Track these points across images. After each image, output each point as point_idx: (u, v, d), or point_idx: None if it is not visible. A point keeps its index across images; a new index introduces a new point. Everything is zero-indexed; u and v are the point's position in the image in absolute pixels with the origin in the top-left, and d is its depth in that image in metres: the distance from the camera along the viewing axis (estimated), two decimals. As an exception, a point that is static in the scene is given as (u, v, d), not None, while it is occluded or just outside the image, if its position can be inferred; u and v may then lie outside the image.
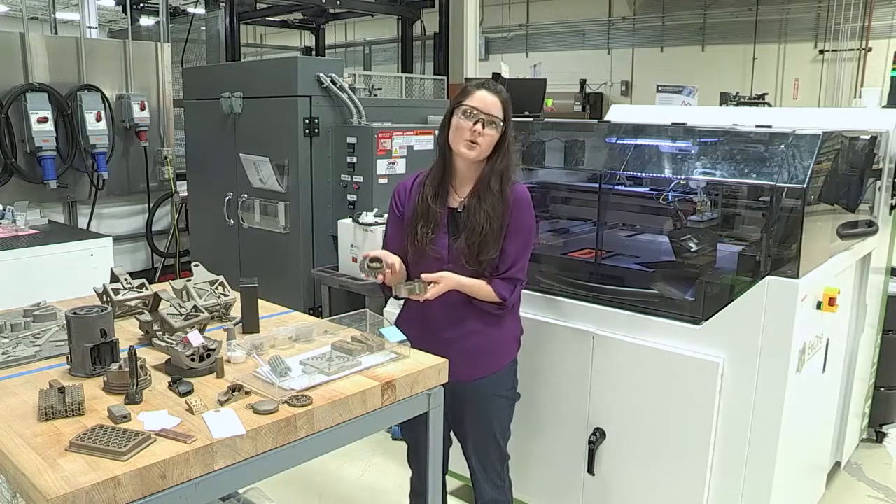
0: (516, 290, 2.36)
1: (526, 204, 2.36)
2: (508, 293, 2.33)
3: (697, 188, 2.90)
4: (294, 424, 1.70)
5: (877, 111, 4.74)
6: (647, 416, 2.66)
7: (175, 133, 6.49)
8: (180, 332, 2.06)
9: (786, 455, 2.53)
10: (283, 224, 4.97)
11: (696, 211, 2.89)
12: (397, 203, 2.45)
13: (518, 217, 2.33)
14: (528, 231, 2.37)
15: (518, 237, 2.33)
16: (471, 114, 2.25)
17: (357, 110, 4.87)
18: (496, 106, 2.27)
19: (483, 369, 2.40)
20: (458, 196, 2.36)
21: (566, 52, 16.63)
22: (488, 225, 2.27)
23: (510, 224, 2.31)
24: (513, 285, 2.35)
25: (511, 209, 2.31)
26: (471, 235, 2.28)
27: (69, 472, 1.41)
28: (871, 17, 13.09)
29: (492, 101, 2.27)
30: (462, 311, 2.35)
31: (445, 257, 2.31)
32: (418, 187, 2.40)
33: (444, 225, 2.34)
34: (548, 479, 2.98)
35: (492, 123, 2.26)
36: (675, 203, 2.97)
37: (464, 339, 2.36)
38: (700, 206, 2.88)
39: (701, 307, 2.56)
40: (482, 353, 2.39)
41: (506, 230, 2.30)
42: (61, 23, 9.05)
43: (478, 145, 2.26)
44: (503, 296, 2.32)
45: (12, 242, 4.18)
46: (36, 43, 5.52)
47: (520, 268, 2.35)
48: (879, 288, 3.62)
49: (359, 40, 15.71)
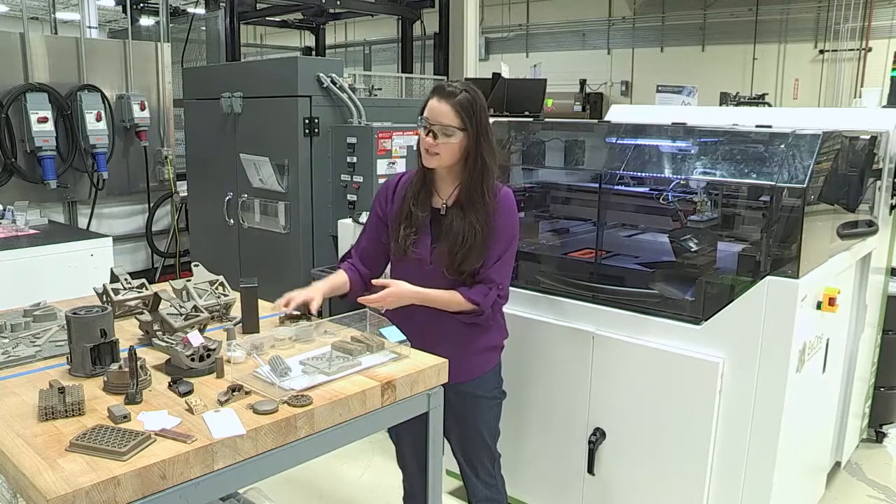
0: (491, 294, 2.26)
1: (509, 208, 2.29)
2: (481, 296, 2.24)
3: (697, 188, 2.90)
4: (294, 424, 1.70)
5: (877, 111, 4.74)
6: (647, 416, 2.66)
7: (175, 133, 6.48)
8: (180, 332, 2.06)
9: (786, 455, 2.53)
10: (283, 224, 4.97)
11: (696, 211, 2.89)
12: (381, 202, 2.42)
13: (500, 221, 2.26)
14: (510, 235, 2.29)
15: (499, 242, 2.26)
16: (424, 125, 2.20)
17: (357, 110, 4.87)
18: (447, 114, 2.17)
19: (464, 374, 2.31)
20: (441, 197, 2.33)
21: (566, 52, 16.64)
22: (472, 236, 2.21)
23: (492, 228, 2.25)
24: (487, 288, 2.26)
25: (494, 214, 2.25)
26: (453, 246, 2.22)
27: (69, 472, 1.41)
28: (871, 17, 13.10)
29: (441, 110, 2.17)
30: (440, 316, 2.29)
31: (427, 258, 2.28)
32: (403, 187, 2.37)
33: (426, 226, 2.30)
34: (548, 479, 2.98)
35: (445, 133, 2.18)
36: (675, 203, 2.97)
37: (442, 343, 2.22)
38: (700, 205, 2.88)
39: (701, 307, 2.56)
40: (462, 359, 2.29)
41: (488, 239, 2.24)
42: (61, 23, 9.04)
43: (437, 155, 2.20)
44: (475, 300, 2.24)
45: (12, 242, 4.18)
46: (36, 43, 5.52)
47: (495, 269, 2.26)
48: (879, 288, 3.62)
49: (359, 40, 15.71)
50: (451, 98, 2.18)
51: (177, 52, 7.26)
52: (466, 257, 2.22)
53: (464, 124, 2.18)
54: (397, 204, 2.36)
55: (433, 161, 2.23)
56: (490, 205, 2.24)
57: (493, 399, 2.48)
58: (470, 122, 2.19)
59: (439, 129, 2.17)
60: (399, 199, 2.36)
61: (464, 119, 2.18)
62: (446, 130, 2.18)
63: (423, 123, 2.21)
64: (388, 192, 2.40)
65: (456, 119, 2.17)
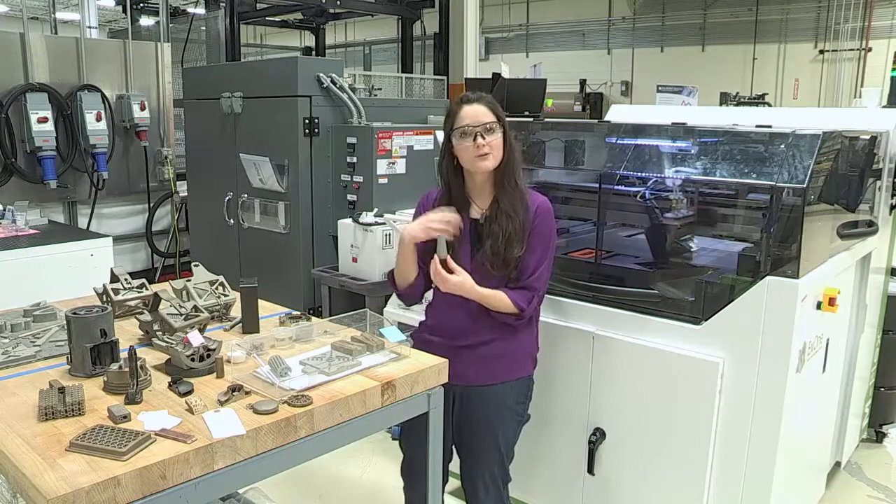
0: (534, 301, 2.34)
1: (548, 214, 2.36)
2: (526, 303, 2.32)
3: (698, 188, 2.90)
4: (294, 424, 1.70)
5: (877, 111, 4.74)
6: (647, 416, 2.66)
7: (175, 133, 6.48)
8: (180, 332, 2.06)
9: (786, 455, 2.53)
10: (283, 224, 4.97)
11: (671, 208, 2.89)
12: (423, 210, 2.43)
13: (540, 226, 2.33)
14: (549, 240, 2.36)
15: (539, 246, 2.33)
16: (469, 132, 2.25)
17: (357, 110, 4.87)
18: (485, 113, 2.27)
19: (495, 376, 2.38)
20: (479, 207, 2.36)
21: (566, 52, 16.64)
22: (510, 224, 2.27)
23: (532, 232, 2.31)
24: (531, 295, 2.33)
25: (533, 217, 2.31)
26: (495, 240, 2.28)
27: (69, 472, 1.41)
28: (871, 17, 13.10)
29: (479, 111, 2.26)
30: (480, 321, 2.34)
31: (467, 267, 2.30)
32: (441, 200, 2.40)
33: (466, 235, 2.33)
34: (548, 479, 2.98)
35: (490, 130, 2.25)
36: (651, 201, 2.96)
37: (479, 346, 2.35)
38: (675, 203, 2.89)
39: (701, 307, 2.56)
40: (496, 360, 2.37)
41: (528, 231, 2.30)
42: (61, 23, 9.04)
43: (490, 154, 2.26)
44: (520, 306, 2.31)
45: (12, 242, 4.17)
46: (36, 43, 5.52)
47: (537, 277, 2.33)
48: (879, 288, 3.62)
49: (359, 40, 15.73)
50: (480, 100, 2.30)
51: (177, 52, 7.26)
52: (510, 245, 2.27)
53: (499, 119, 2.29)
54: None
55: (489, 162, 2.27)
56: (523, 191, 2.32)
57: (516, 414, 2.47)
58: (500, 116, 2.31)
59: (483, 129, 2.25)
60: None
61: (498, 114, 2.30)
62: (490, 127, 2.26)
63: (468, 131, 2.25)
64: (430, 202, 2.43)
65: (492, 116, 2.28)
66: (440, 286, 2.26)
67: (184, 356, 1.89)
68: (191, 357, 1.89)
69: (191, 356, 1.89)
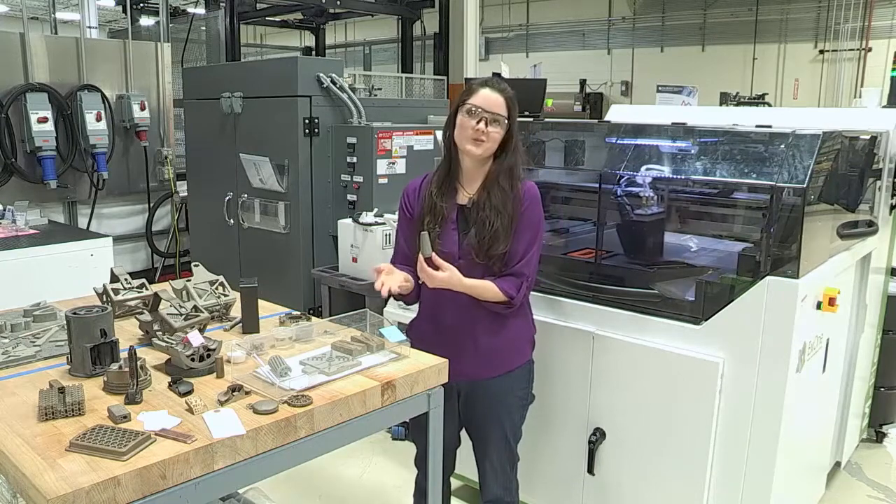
0: (523, 288, 2.34)
1: (535, 200, 2.36)
2: (515, 290, 2.31)
3: (698, 188, 2.90)
4: (294, 424, 1.70)
5: (877, 111, 4.73)
6: (647, 416, 2.66)
7: (175, 133, 6.49)
8: (180, 332, 2.06)
9: (786, 455, 2.53)
10: (283, 224, 4.97)
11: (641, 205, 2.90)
12: (406, 204, 2.44)
13: (527, 212, 2.32)
14: (537, 227, 2.36)
15: (526, 233, 2.32)
16: (475, 112, 2.25)
17: (357, 110, 4.87)
18: (500, 104, 2.26)
19: (495, 369, 2.40)
20: (467, 192, 2.36)
21: (566, 52, 16.64)
22: (498, 220, 2.27)
23: (519, 219, 2.31)
24: (519, 281, 2.33)
25: (520, 204, 2.31)
26: (481, 230, 2.28)
27: (69, 473, 1.41)
28: (871, 17, 13.10)
29: (495, 100, 2.26)
30: (473, 312, 2.34)
31: (455, 253, 2.30)
32: (427, 185, 2.41)
33: (452, 220, 2.33)
34: (548, 479, 2.98)
35: (495, 122, 2.25)
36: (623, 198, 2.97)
37: (476, 339, 2.36)
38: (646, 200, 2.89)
39: (701, 307, 2.56)
40: (495, 353, 2.39)
41: (515, 225, 2.30)
42: (61, 23, 9.05)
43: (483, 142, 2.26)
44: (509, 293, 2.31)
45: (12, 242, 4.18)
46: (36, 43, 5.52)
47: (526, 263, 2.33)
48: (879, 288, 3.62)
49: (359, 40, 15.73)
50: (504, 92, 2.30)
51: (177, 52, 7.26)
52: (494, 240, 2.27)
53: (510, 117, 2.29)
54: (421, 200, 2.39)
55: (480, 148, 2.27)
56: (517, 192, 2.31)
57: (520, 400, 2.49)
58: (513, 116, 2.31)
59: (491, 117, 2.25)
60: (425, 195, 2.39)
61: (511, 112, 2.30)
62: (497, 119, 2.26)
63: (476, 111, 2.25)
64: (415, 193, 2.44)
65: (506, 110, 2.28)
66: (427, 283, 2.25)
67: (184, 356, 1.89)
68: (191, 357, 1.89)
69: (191, 356, 1.89)
